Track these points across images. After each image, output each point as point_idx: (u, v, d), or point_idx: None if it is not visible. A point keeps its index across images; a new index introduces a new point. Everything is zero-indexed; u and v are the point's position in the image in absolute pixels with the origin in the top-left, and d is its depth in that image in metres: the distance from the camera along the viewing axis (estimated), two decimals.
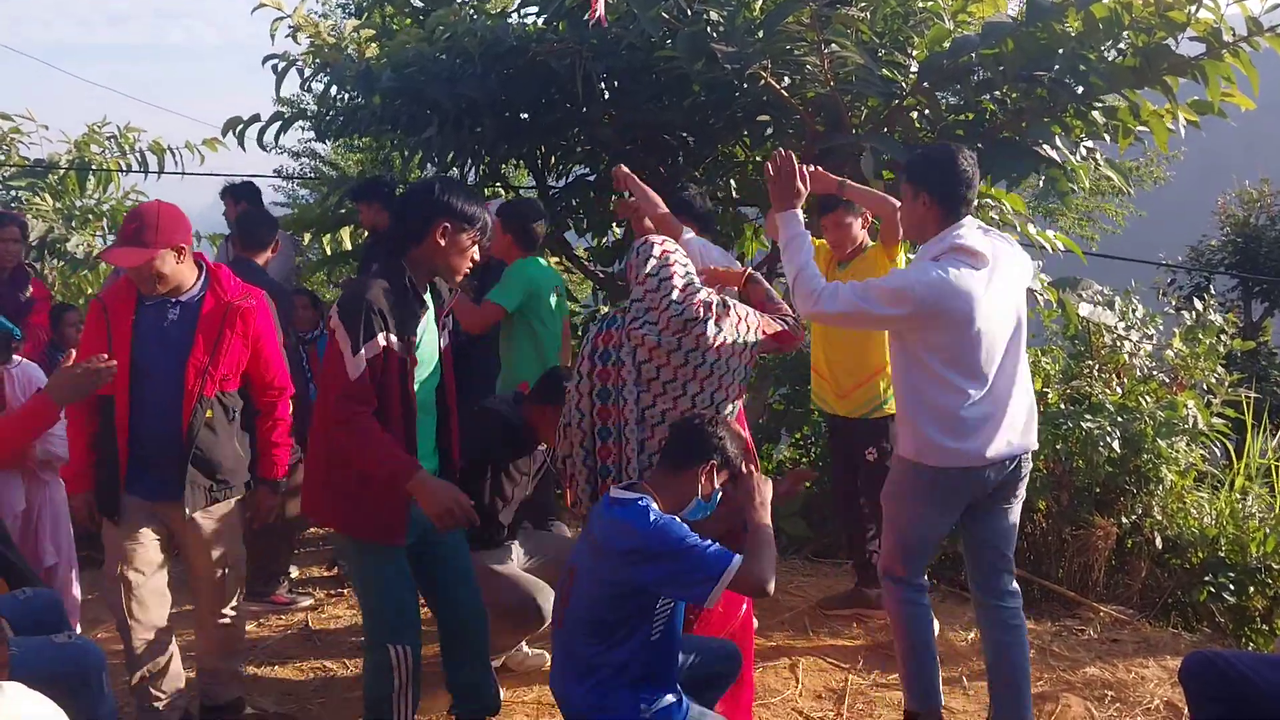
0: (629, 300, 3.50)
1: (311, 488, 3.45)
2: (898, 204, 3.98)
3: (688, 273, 3.51)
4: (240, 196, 6.80)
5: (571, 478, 3.59)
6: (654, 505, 3.00)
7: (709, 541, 2.93)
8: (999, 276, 3.48)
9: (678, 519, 3.00)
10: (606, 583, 2.98)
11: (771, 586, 2.93)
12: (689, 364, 3.38)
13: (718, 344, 3.38)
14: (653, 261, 3.48)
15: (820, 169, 4.06)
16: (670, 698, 3.05)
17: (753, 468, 3.37)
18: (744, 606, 3.69)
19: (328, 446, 3.27)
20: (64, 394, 3.44)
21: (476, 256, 3.40)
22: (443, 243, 3.26)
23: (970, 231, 3.51)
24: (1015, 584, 3.74)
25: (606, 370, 3.46)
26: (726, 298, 3.53)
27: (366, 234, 7.06)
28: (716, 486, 3.20)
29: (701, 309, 3.39)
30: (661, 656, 3.07)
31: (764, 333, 3.53)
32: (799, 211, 3.66)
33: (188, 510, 3.64)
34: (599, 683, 3.01)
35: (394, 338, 3.19)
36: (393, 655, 3.34)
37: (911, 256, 4.42)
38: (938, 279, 3.40)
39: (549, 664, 4.43)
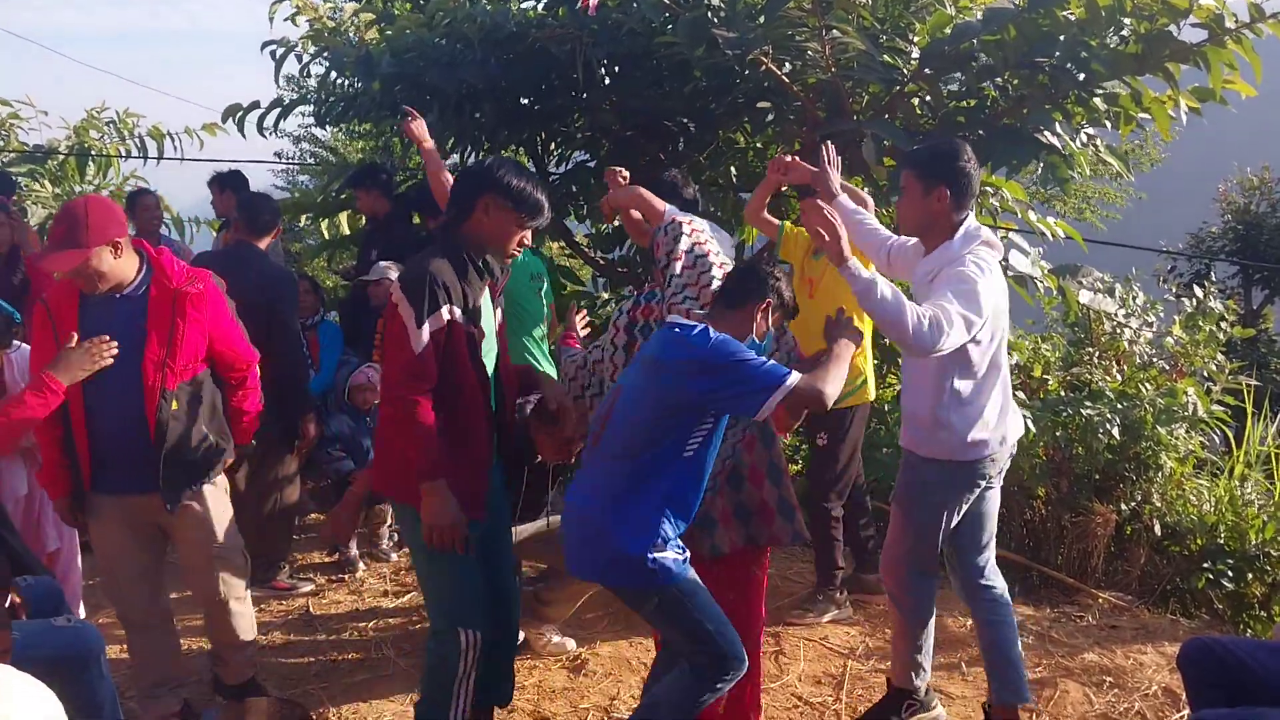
0: (668, 276, 3.53)
1: (385, 461, 3.39)
2: (870, 202, 4.09)
3: (718, 251, 3.59)
4: (227, 185, 6.80)
5: None
6: (712, 330, 3.11)
7: (765, 359, 3.04)
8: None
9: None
10: (656, 395, 3.08)
11: (830, 400, 2.99)
12: None
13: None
14: (685, 239, 3.55)
15: (797, 159, 4.15)
16: (675, 553, 3.09)
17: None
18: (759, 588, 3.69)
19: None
20: (68, 374, 3.44)
21: (528, 240, 3.36)
22: (486, 217, 3.24)
23: (977, 224, 3.55)
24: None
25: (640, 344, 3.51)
26: None
27: (365, 220, 7.06)
28: (770, 327, 3.30)
29: None
30: (688, 481, 3.12)
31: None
32: (852, 262, 3.30)
33: (168, 506, 3.61)
34: (621, 497, 3.07)
35: (458, 310, 3.18)
36: (463, 640, 3.27)
37: None
38: (991, 276, 3.41)
39: (569, 651, 4.45)
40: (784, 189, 5.34)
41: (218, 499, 3.78)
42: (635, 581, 3.08)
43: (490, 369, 3.39)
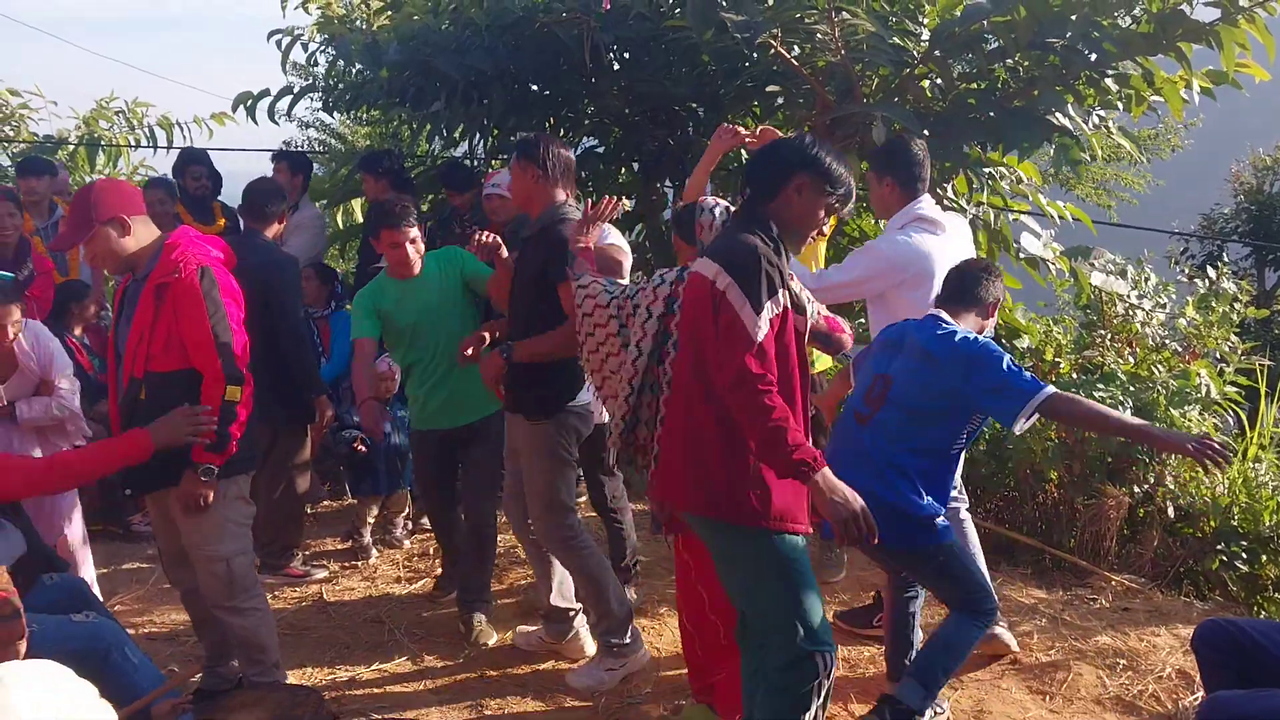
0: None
1: (688, 473, 2.98)
2: None
3: None
4: (297, 169, 6.66)
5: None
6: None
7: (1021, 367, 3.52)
8: (952, 243, 4.23)
9: None
10: (935, 388, 3.56)
11: (1086, 422, 3.85)
12: None
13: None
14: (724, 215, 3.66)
15: (739, 129, 4.61)
16: (942, 520, 3.62)
17: None
18: None
19: (717, 422, 2.91)
20: (167, 437, 3.50)
21: (827, 227, 3.32)
22: (798, 198, 2.96)
23: (929, 205, 4.26)
24: None
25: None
26: None
27: (370, 209, 7.03)
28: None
29: None
30: (949, 472, 3.70)
31: (820, 314, 3.62)
32: None
33: (126, 491, 3.65)
34: (909, 473, 3.55)
35: (788, 295, 2.92)
36: (820, 664, 2.95)
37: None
38: (903, 243, 4.17)
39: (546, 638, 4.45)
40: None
41: (192, 510, 3.61)
42: (928, 540, 3.58)
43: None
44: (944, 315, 3.74)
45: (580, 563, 4.12)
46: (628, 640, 4.15)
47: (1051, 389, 3.44)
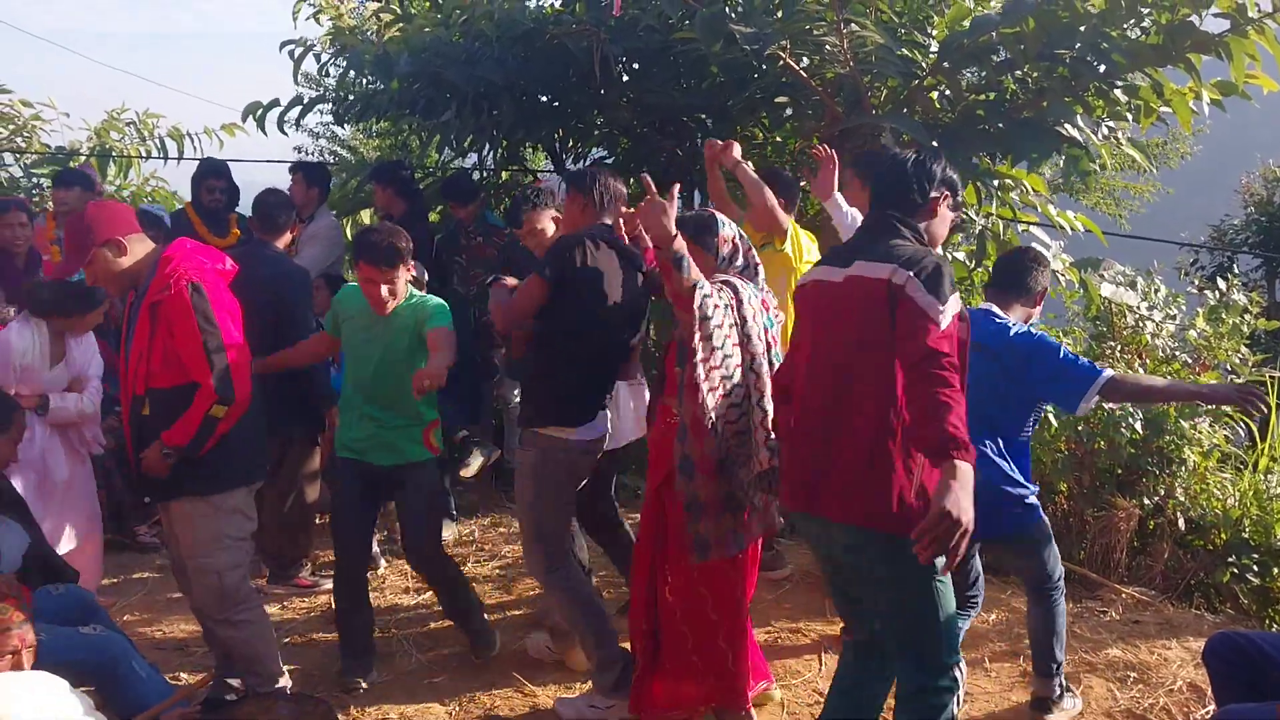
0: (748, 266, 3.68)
1: (849, 484, 2.88)
2: (770, 198, 4.49)
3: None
4: (313, 181, 6.59)
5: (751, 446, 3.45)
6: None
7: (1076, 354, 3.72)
8: None
9: None
10: (998, 381, 3.70)
11: (1140, 395, 4.22)
12: None
13: None
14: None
15: (717, 143, 4.54)
16: (1034, 498, 3.85)
17: None
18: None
19: (885, 432, 2.83)
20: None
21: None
22: (939, 212, 3.09)
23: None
24: None
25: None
26: None
27: (380, 219, 7.03)
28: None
29: None
30: (1026, 457, 3.88)
31: None
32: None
33: (144, 499, 3.68)
34: (1001, 465, 3.74)
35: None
36: (960, 677, 3.10)
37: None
38: None
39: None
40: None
41: (194, 514, 3.64)
42: (1030, 521, 3.83)
43: None
44: (995, 309, 3.91)
45: (560, 598, 3.98)
46: (611, 688, 3.91)
47: (1110, 372, 3.67)
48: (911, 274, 2.79)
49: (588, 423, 3.91)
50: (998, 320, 3.87)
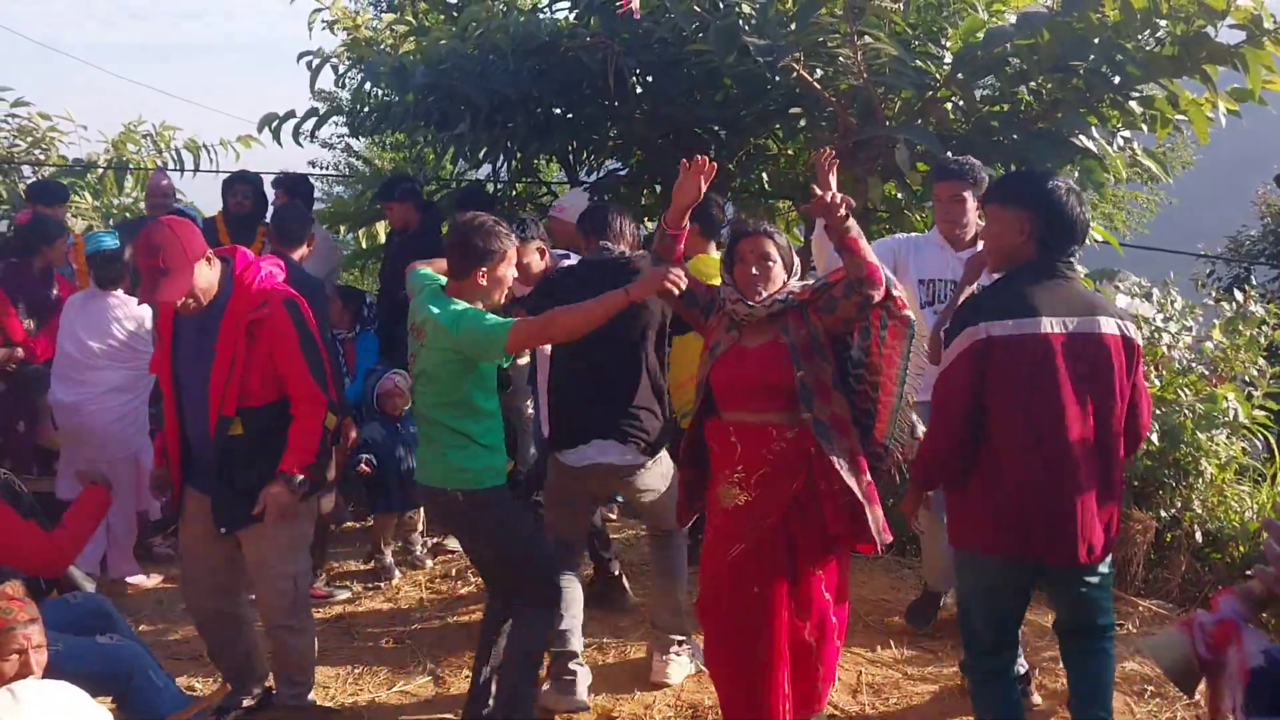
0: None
1: (1103, 523, 3.22)
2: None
3: None
4: (293, 191, 6.73)
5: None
6: None
7: None
8: None
9: None
10: None
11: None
12: None
13: None
14: None
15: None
16: None
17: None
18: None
19: (1118, 471, 3.28)
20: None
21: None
22: None
23: None
24: None
25: None
26: None
27: (392, 232, 7.04)
28: None
29: None
30: None
31: None
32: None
33: (220, 527, 3.63)
34: None
35: None
36: None
37: None
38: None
39: None
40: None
41: (281, 525, 3.65)
42: None
43: None
44: None
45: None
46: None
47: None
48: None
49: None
50: None
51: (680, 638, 4.33)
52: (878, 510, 3.48)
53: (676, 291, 3.43)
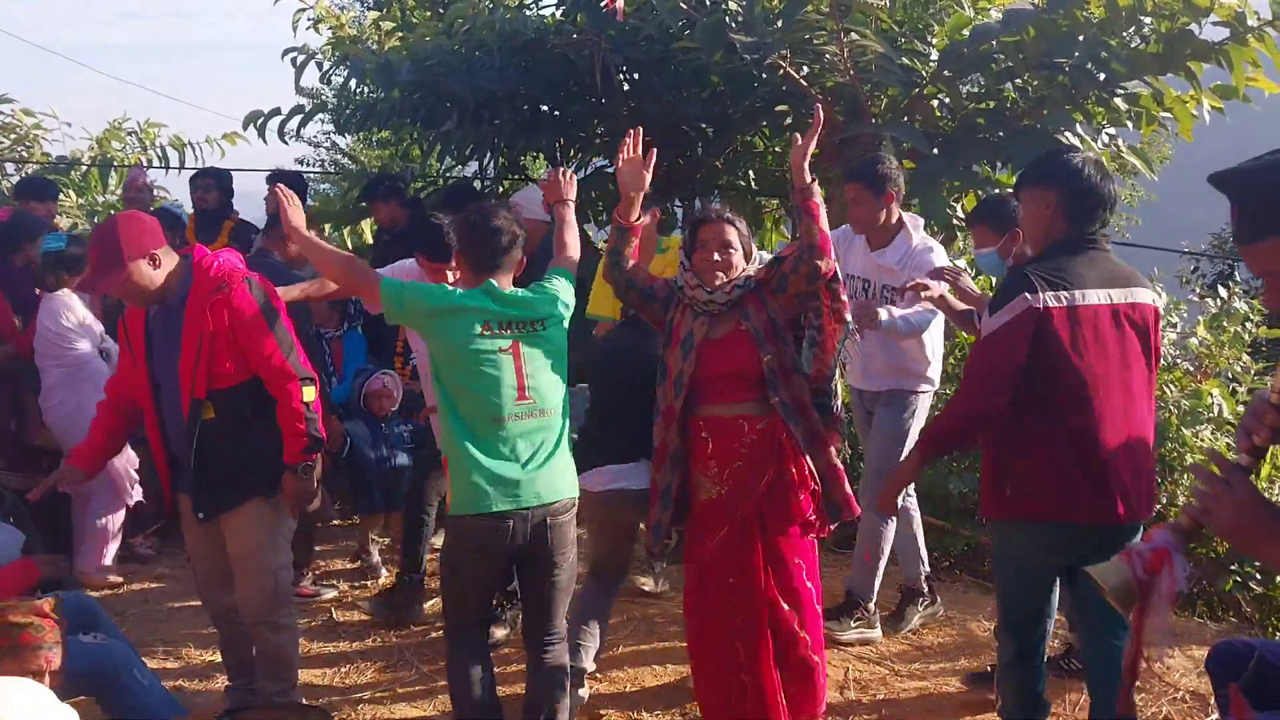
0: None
1: (1151, 483, 3.36)
2: None
3: None
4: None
5: None
6: None
7: None
8: None
9: None
10: None
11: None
12: None
13: None
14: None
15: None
16: None
17: None
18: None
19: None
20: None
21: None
22: None
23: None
24: None
25: None
26: None
27: (380, 231, 7.02)
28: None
29: None
30: None
31: None
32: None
33: (199, 514, 3.62)
34: None
35: None
36: None
37: None
38: None
39: None
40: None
41: (259, 516, 3.64)
42: None
43: None
44: None
45: None
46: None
47: None
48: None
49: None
50: None
51: None
52: (845, 488, 3.53)
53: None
